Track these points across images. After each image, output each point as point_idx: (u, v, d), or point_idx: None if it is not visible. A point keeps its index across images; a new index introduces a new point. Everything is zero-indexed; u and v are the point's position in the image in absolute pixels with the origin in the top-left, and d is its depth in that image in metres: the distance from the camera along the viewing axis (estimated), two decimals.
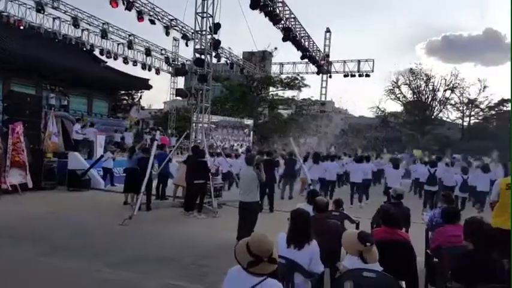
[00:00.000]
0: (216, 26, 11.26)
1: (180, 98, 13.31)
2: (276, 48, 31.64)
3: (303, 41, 20.68)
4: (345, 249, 3.27)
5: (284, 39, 18.60)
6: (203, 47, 11.10)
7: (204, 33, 11.09)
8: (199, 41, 11.21)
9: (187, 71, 17.37)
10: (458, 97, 43.61)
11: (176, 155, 14.67)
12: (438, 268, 3.89)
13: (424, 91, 44.36)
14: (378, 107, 45.47)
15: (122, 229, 7.30)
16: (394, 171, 11.30)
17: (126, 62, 22.80)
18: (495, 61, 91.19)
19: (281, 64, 28.99)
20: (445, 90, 43.44)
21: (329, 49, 25.80)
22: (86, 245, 6.15)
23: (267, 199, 9.91)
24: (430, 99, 44.41)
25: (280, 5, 17.10)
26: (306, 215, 3.45)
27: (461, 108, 44.26)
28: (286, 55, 76.71)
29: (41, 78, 19.01)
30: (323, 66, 25.47)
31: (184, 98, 12.33)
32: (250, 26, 24.74)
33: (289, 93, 34.86)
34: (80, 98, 22.22)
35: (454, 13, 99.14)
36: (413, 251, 3.59)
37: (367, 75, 25.32)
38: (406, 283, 3.08)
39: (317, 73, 26.63)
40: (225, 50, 23.73)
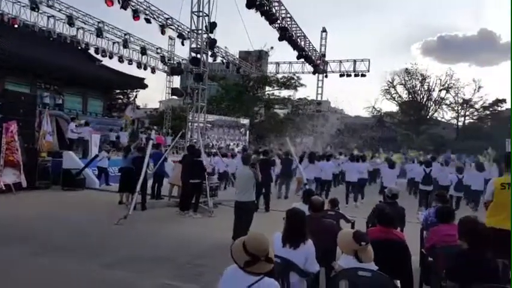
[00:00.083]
0: (212, 25, 11.24)
1: (175, 97, 13.28)
2: (272, 47, 31.66)
3: (299, 40, 20.70)
4: (340, 248, 3.27)
5: (280, 39, 18.61)
6: (199, 46, 11.08)
7: (200, 32, 11.06)
8: (195, 40, 11.19)
9: (183, 70, 17.31)
10: (453, 97, 43.97)
11: (172, 155, 14.62)
12: (433, 267, 3.91)
13: (419, 91, 44.65)
14: (373, 107, 45.71)
15: (117, 229, 7.27)
16: (390, 171, 11.37)
17: (121, 60, 22.68)
18: (489, 61, 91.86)
19: (277, 64, 29.02)
20: (440, 90, 43.78)
21: (325, 49, 25.86)
22: (81, 244, 6.11)
23: (263, 198, 9.91)
24: (425, 99, 44.69)
25: (276, 4, 17.11)
26: (301, 214, 3.45)
27: (456, 108, 44.59)
28: (282, 55, 76.93)
29: (35, 76, 18.89)
30: (319, 65, 25.51)
31: (180, 97, 12.32)
32: (247, 25, 24.62)
33: (285, 93, 34.89)
34: (75, 96, 22.10)
35: (449, 13, 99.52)
36: (408, 250, 3.60)
37: (363, 75, 25.40)
38: (401, 282, 3.09)
39: (313, 73, 26.67)
40: (221, 49, 23.70)
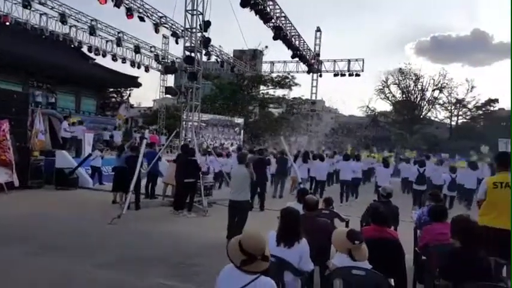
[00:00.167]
0: (206, 24, 11.19)
1: (169, 96, 13.23)
2: (267, 46, 31.66)
3: (293, 39, 20.70)
4: (334, 247, 3.29)
5: (275, 38, 18.62)
6: (193, 44, 11.03)
7: (194, 31, 11.02)
8: (189, 38, 11.14)
9: (177, 68, 17.25)
10: (447, 97, 44.33)
11: (166, 154, 14.56)
12: (426, 266, 3.93)
13: (413, 91, 44.95)
14: (367, 107, 45.94)
15: (111, 228, 7.22)
16: (384, 170, 11.45)
17: (114, 59, 22.52)
18: (482, 62, 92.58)
19: (272, 63, 28.99)
20: (433, 90, 44.11)
21: (319, 48, 25.85)
22: (74, 244, 6.06)
23: (258, 198, 9.91)
24: (418, 99, 45.01)
25: (270, 3, 17.08)
26: (295, 213, 3.45)
27: (449, 108, 44.95)
28: (276, 54, 76.90)
29: (27, 75, 18.71)
30: (313, 65, 25.53)
31: (174, 96, 12.28)
32: (241, 24, 24.57)
33: (279, 92, 34.94)
34: (68, 95, 21.93)
35: (443, 13, 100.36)
36: (402, 249, 3.61)
37: (357, 75, 25.45)
38: (395, 281, 3.11)
39: (307, 72, 26.69)
40: (216, 48, 23.64)
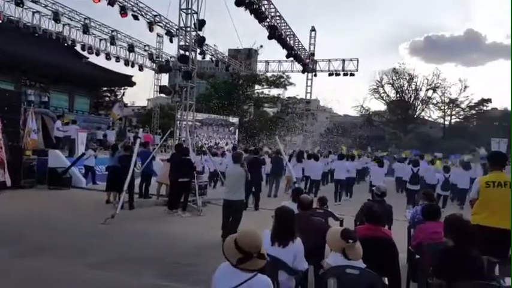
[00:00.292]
0: (200, 23, 11.14)
1: (164, 95, 13.17)
2: (262, 46, 31.68)
3: (288, 39, 20.72)
4: (329, 246, 3.29)
5: (269, 37, 18.63)
6: (187, 43, 10.99)
7: (188, 29, 10.97)
8: (183, 37, 11.10)
9: (171, 67, 17.21)
10: (440, 97, 44.74)
11: (160, 153, 14.50)
12: (420, 264, 3.95)
13: (406, 90, 45.29)
14: (362, 106, 46.19)
15: (104, 228, 7.17)
16: (379, 169, 11.52)
17: (108, 58, 22.38)
18: (475, 62, 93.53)
19: (267, 62, 29.01)
20: (427, 90, 44.49)
21: (314, 48, 25.93)
22: (67, 244, 6.01)
23: (253, 197, 9.91)
24: (412, 99, 45.35)
25: (265, 2, 17.09)
26: (290, 212, 3.45)
27: (442, 107, 45.35)
28: (271, 53, 76.74)
29: (20, 73, 18.53)
30: (308, 64, 25.59)
31: (168, 95, 12.22)
32: (236, 23, 24.61)
33: (274, 92, 34.97)
34: (61, 94, 21.74)
35: (436, 13, 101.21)
36: (396, 247, 3.63)
37: (352, 75, 25.57)
38: (389, 279, 3.12)
39: (302, 71, 26.75)
40: (210, 47, 23.58)
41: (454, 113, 45.65)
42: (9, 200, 9.37)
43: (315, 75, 26.84)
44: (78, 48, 21.58)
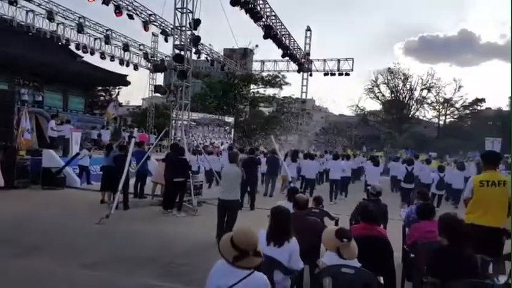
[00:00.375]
0: (196, 22, 11.12)
1: (159, 94, 13.11)
2: (257, 45, 31.58)
3: (283, 39, 20.73)
4: (324, 245, 3.29)
5: (265, 37, 18.62)
6: (183, 43, 10.96)
7: (183, 29, 10.94)
8: (178, 36, 11.06)
9: (166, 67, 17.10)
10: (435, 96, 45.02)
11: (155, 153, 14.45)
12: (414, 263, 3.97)
13: (401, 90, 45.53)
14: (357, 106, 46.30)
15: (99, 228, 7.14)
16: (374, 169, 11.55)
17: (103, 57, 22.25)
18: (469, 62, 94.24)
19: (262, 62, 29.00)
20: (421, 90, 44.74)
21: (309, 47, 25.97)
22: (61, 245, 5.97)
23: (249, 196, 9.89)
24: (407, 98, 45.60)
25: (261, 2, 17.08)
26: (286, 212, 3.44)
27: (437, 107, 45.66)
28: (267, 53, 77.03)
29: (14, 73, 18.37)
30: (303, 64, 25.62)
31: (164, 95, 12.16)
32: (231, 23, 24.45)
33: (270, 91, 34.90)
34: (55, 93, 21.58)
35: (431, 13, 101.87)
36: (391, 246, 3.64)
37: (347, 74, 25.63)
38: (384, 278, 3.13)
39: (298, 71, 26.76)
40: (206, 47, 23.51)
41: (448, 112, 46.02)
42: (2, 201, 9.27)
43: (311, 75, 26.89)
44: (72, 47, 21.41)
